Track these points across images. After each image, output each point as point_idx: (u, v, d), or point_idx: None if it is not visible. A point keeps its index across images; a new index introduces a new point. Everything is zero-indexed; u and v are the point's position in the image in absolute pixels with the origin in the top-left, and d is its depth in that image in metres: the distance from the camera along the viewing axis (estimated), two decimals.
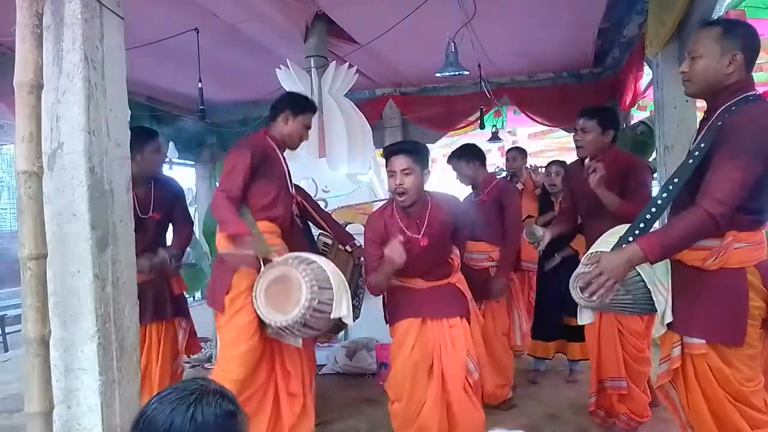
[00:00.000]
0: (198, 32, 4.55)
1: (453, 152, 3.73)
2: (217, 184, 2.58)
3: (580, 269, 2.07)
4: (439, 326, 2.62)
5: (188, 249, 4.03)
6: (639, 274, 1.98)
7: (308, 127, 2.76)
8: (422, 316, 2.62)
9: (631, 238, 1.92)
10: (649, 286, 2.00)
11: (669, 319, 1.99)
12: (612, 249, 1.97)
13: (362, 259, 2.99)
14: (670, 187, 1.92)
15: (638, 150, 5.61)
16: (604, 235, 2.20)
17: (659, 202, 1.94)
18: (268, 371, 2.64)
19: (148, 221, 2.98)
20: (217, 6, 4.31)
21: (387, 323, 2.79)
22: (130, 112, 2.18)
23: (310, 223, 3.40)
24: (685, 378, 2.00)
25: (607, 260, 1.87)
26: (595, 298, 1.89)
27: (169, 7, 4.18)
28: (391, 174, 2.53)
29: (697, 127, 2.04)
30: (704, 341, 1.90)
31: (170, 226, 3.26)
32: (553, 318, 3.89)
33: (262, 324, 2.52)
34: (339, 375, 4.29)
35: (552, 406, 3.57)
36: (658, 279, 2.01)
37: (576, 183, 3.07)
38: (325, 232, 3.33)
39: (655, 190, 3.57)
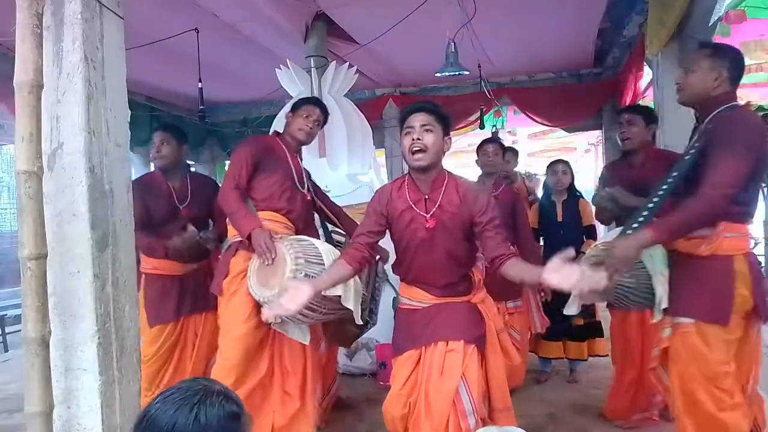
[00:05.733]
0: (198, 32, 4.55)
1: (493, 138, 4.02)
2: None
3: (589, 253, 2.31)
4: (434, 351, 2.15)
5: None
6: (641, 261, 2.24)
7: (307, 117, 2.85)
8: (421, 344, 2.19)
9: (635, 225, 2.12)
10: (650, 272, 2.25)
11: (665, 305, 2.23)
12: (617, 238, 2.19)
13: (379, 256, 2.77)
14: (670, 180, 2.15)
15: None
16: (609, 233, 2.45)
17: (660, 192, 2.15)
18: (269, 369, 2.63)
19: (180, 212, 3.06)
20: (217, 6, 4.31)
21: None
22: (130, 112, 2.18)
23: (322, 218, 3.39)
24: (669, 358, 2.21)
25: (618, 244, 2.05)
26: (608, 274, 2.02)
27: (169, 7, 4.18)
28: (407, 131, 2.13)
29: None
30: (692, 320, 2.11)
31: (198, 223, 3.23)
32: (563, 318, 3.90)
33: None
34: (339, 375, 4.29)
35: (552, 406, 3.57)
36: (659, 269, 2.25)
37: (619, 178, 3.13)
38: (337, 230, 3.31)
39: None
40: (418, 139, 2.09)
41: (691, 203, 2.03)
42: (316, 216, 3.41)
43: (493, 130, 7.40)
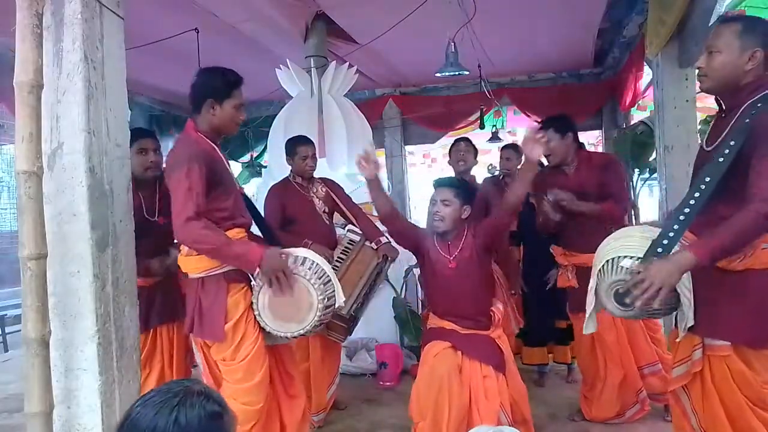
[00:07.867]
0: (198, 32, 4.55)
1: (463, 138, 4.12)
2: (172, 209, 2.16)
3: (614, 277, 1.92)
4: (473, 368, 2.59)
5: None
6: None
7: (241, 105, 2.32)
8: (455, 342, 2.63)
9: (666, 242, 1.83)
10: (678, 290, 1.91)
11: (692, 322, 1.92)
12: (645, 256, 1.85)
13: (387, 256, 3.22)
14: (702, 187, 1.83)
15: (638, 150, 5.62)
16: (608, 238, 2.09)
17: (692, 202, 1.85)
18: (273, 386, 2.52)
19: (154, 225, 2.82)
20: (217, 6, 4.31)
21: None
22: (130, 112, 2.17)
23: (342, 218, 3.45)
24: (702, 382, 1.97)
25: (657, 268, 1.76)
26: (638, 304, 1.80)
27: (169, 7, 4.18)
28: (433, 202, 2.75)
29: (698, 125, 2.03)
30: (729, 343, 1.87)
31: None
32: (544, 322, 3.89)
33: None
34: (339, 375, 4.29)
35: (552, 406, 3.57)
36: (682, 282, 1.92)
37: (556, 186, 3.15)
38: (353, 228, 3.37)
39: (656, 190, 3.59)
40: (438, 211, 2.68)
41: (738, 220, 1.74)
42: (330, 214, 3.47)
43: (493, 130, 7.41)
